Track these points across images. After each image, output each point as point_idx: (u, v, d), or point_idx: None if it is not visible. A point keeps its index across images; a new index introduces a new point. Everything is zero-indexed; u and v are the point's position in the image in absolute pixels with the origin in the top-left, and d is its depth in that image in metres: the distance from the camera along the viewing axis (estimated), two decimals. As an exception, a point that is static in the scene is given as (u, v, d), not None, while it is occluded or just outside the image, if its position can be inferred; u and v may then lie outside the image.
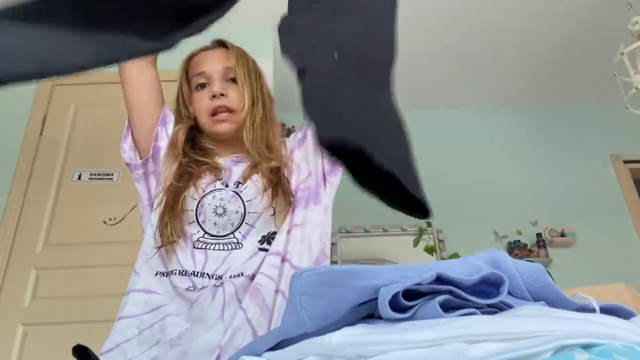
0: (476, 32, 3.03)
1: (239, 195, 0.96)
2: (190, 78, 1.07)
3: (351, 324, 0.42)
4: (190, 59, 1.09)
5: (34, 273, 2.19)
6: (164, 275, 0.91)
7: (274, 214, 0.96)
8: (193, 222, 0.93)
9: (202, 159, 1.01)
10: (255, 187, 0.97)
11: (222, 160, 1.04)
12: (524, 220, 3.31)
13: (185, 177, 0.97)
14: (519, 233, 3.27)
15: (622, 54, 2.28)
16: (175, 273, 0.90)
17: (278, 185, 0.97)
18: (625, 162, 3.52)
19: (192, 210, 0.94)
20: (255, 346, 0.47)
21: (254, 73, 1.07)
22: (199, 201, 0.94)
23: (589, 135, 3.61)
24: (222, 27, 1.05)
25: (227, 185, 0.98)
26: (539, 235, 3.22)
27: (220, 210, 0.93)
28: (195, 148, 1.04)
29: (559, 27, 3.02)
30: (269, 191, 0.96)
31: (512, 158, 3.56)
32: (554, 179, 3.46)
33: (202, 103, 1.03)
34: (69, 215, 2.31)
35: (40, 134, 2.53)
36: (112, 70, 2.57)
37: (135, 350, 0.83)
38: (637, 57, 2.27)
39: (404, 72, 3.33)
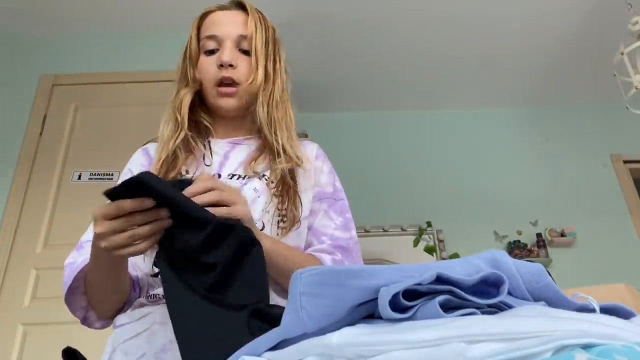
0: (476, 32, 3.03)
1: None
2: (200, 37, 0.96)
3: (351, 324, 0.42)
4: (204, 15, 0.98)
5: (34, 273, 2.19)
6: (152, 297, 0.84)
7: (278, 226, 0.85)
8: None
9: (192, 142, 0.91)
10: (262, 187, 0.86)
11: (216, 144, 0.95)
12: (524, 220, 3.32)
13: (170, 163, 0.88)
14: (519, 233, 3.27)
15: (622, 54, 2.28)
16: (161, 297, 0.81)
17: (289, 191, 0.87)
18: (625, 162, 3.52)
19: None
20: (255, 346, 0.47)
21: (272, 44, 0.96)
22: None
23: (589, 135, 3.61)
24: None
25: (219, 176, 0.89)
26: (539, 235, 3.22)
27: None
28: (190, 120, 0.93)
29: (559, 27, 3.02)
30: (277, 198, 0.85)
31: (512, 158, 3.56)
32: (554, 179, 3.46)
33: (209, 70, 0.93)
34: (69, 215, 2.31)
35: (40, 134, 2.53)
36: (111, 70, 2.58)
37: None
38: (637, 57, 2.27)
39: (406, 72, 3.33)
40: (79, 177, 2.42)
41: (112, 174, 2.41)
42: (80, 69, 2.72)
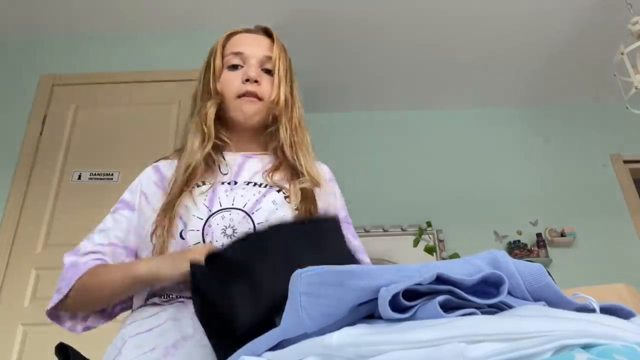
0: (477, 32, 3.03)
1: (249, 217, 0.86)
2: (225, 54, 1.00)
3: (351, 324, 0.42)
4: (231, 35, 1.03)
5: (34, 273, 2.19)
6: (164, 296, 0.86)
7: None
8: (199, 242, 0.84)
9: (212, 154, 0.94)
10: (280, 200, 0.89)
11: (230, 157, 0.97)
12: (524, 220, 3.31)
13: (190, 178, 0.90)
14: (519, 233, 3.27)
15: (622, 54, 2.28)
16: (174, 297, 0.84)
17: (312, 209, 0.90)
18: (625, 162, 3.52)
19: (198, 230, 0.85)
20: (255, 346, 0.47)
21: (290, 72, 1.03)
22: (206, 221, 0.85)
23: (589, 135, 3.61)
24: (224, 30, 1.05)
25: (235, 183, 0.92)
26: (539, 235, 3.22)
27: (229, 231, 0.85)
28: None
29: (559, 27, 3.02)
30: (296, 212, 0.87)
31: (512, 158, 3.56)
32: (553, 179, 3.46)
33: (233, 84, 0.97)
34: (69, 215, 2.31)
35: (40, 134, 2.53)
36: (111, 71, 2.59)
37: (130, 354, 0.78)
38: (637, 57, 2.27)
39: (406, 72, 3.33)
40: (79, 177, 2.42)
41: (112, 174, 2.41)
42: (80, 69, 2.72)
